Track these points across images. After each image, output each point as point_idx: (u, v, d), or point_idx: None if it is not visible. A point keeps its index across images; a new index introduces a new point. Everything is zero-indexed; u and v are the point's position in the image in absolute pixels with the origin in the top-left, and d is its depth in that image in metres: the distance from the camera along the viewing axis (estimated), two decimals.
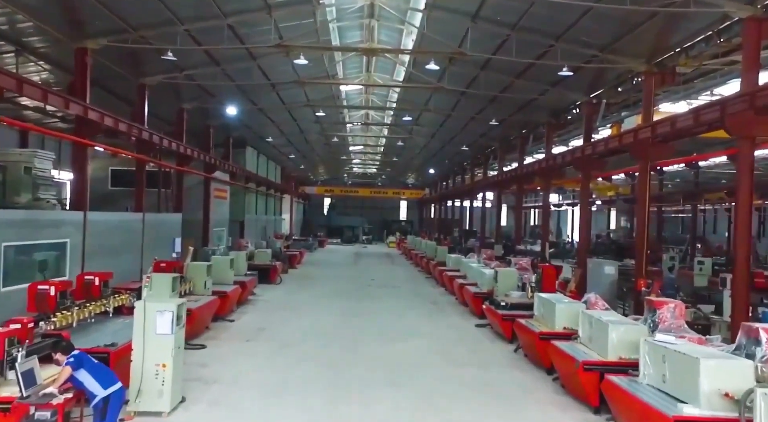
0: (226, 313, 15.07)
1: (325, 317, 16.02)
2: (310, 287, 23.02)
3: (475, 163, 39.95)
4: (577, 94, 19.52)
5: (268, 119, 28.27)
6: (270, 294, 20.21)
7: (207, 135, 27.30)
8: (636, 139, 14.90)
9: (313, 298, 19.82)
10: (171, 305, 7.76)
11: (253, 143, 35.56)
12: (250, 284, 18.10)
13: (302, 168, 51.27)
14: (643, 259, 15.16)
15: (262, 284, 22.28)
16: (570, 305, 10.76)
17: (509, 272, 15.80)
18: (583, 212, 19.53)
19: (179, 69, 18.75)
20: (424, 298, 20.74)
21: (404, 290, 22.86)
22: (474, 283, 18.20)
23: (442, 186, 55.57)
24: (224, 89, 22.23)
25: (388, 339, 13.27)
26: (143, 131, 17.86)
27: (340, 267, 32.91)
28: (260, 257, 23.48)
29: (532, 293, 13.84)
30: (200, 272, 13.96)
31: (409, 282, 25.91)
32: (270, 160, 43.93)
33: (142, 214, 18.40)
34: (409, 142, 36.64)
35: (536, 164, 23.78)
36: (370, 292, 22.00)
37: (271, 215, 45.85)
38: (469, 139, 32.00)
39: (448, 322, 15.96)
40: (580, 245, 19.55)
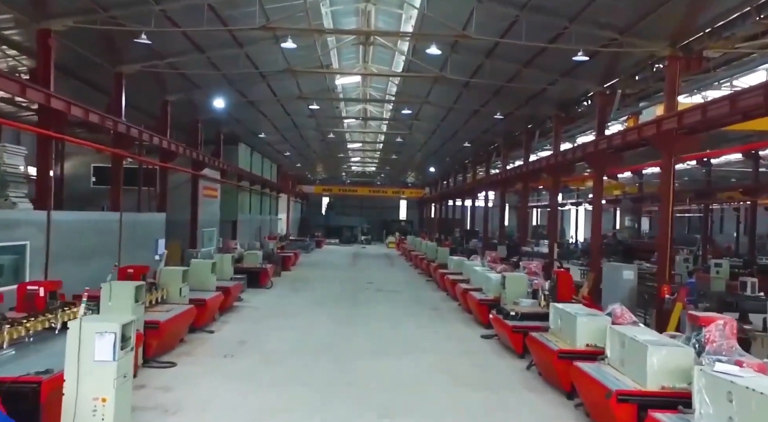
0: (206, 323, 13.63)
1: (316, 326, 14.58)
2: (303, 291, 21.59)
3: (476, 161, 38.52)
4: (590, 83, 18.07)
5: (260, 114, 26.83)
6: (259, 300, 18.77)
7: (195, 130, 25.86)
8: (659, 130, 13.46)
9: (304, 304, 18.39)
10: (113, 325, 6.31)
11: (246, 139, 34.11)
12: (236, 290, 16.65)
13: (299, 166, 49.82)
14: (666, 263, 13.71)
15: (252, 288, 20.89)
16: (593, 318, 9.30)
17: (518, 278, 14.35)
18: (596, 212, 18.08)
19: (159, 56, 17.32)
20: (424, 304, 19.31)
21: (403, 295, 21.43)
22: (478, 288, 16.78)
23: (443, 185, 54.15)
24: (210, 79, 20.79)
25: (385, 354, 11.83)
26: (119, 123, 16.41)
27: (336, 269, 31.47)
28: (249, 259, 22.04)
29: (546, 303, 12.42)
30: (174, 278, 12.53)
31: (409, 286, 24.48)
32: (265, 158, 42.46)
33: (119, 213, 17.00)
34: (409, 138, 35.15)
35: (544, 161, 22.34)
36: (367, 297, 20.57)
37: (266, 215, 44.40)
38: (472, 135, 30.56)
39: (451, 332, 14.51)
40: (593, 247, 18.12)
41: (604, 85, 17.85)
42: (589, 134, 24.67)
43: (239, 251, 22.59)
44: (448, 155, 39.17)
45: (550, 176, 22.25)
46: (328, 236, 61.50)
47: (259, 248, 29.04)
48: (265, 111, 26.86)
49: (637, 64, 16.09)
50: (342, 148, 43.62)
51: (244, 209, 35.87)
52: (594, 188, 18.26)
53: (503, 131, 28.65)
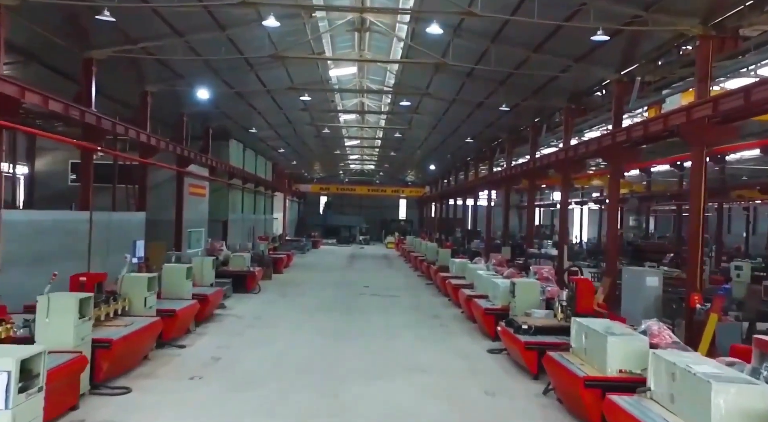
0: (177, 336, 12.06)
1: (302, 339, 13.01)
2: (293, 296, 20.02)
3: (479, 158, 36.91)
4: (606, 70, 16.48)
5: (250, 107, 25.23)
6: (243, 307, 17.20)
7: (180, 124, 24.29)
8: (689, 119, 11.89)
9: (292, 312, 16.82)
10: (6, 361, 4.74)
11: (238, 135, 32.54)
12: (216, 297, 15.06)
13: (295, 164, 48.22)
14: (697, 267, 12.12)
15: (238, 293, 19.34)
16: (628, 339, 7.72)
17: (530, 285, 12.76)
18: (612, 211, 16.51)
19: (132, 40, 15.72)
20: (424, 311, 17.74)
21: (401, 301, 19.85)
22: (484, 295, 15.20)
23: (443, 184, 52.58)
24: (193, 68, 19.21)
25: (378, 375, 10.25)
26: (86, 113, 14.83)
27: (331, 271, 29.90)
28: (236, 262, 20.46)
29: (564, 315, 10.85)
30: (138, 287, 10.96)
31: (408, 290, 22.89)
32: (259, 155, 40.89)
33: (89, 213, 15.44)
34: (409, 134, 33.59)
35: (553, 156, 20.76)
36: (362, 303, 19.00)
37: (260, 215, 42.83)
38: (474, 130, 28.96)
39: (454, 346, 12.94)
40: (609, 249, 16.53)
41: (621, 72, 16.26)
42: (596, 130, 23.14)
43: (225, 254, 21.02)
44: (449, 151, 37.56)
45: (560, 172, 20.69)
46: (326, 236, 59.96)
47: (251, 249, 27.52)
48: (256, 104, 25.27)
49: (661, 46, 14.49)
50: (339, 144, 42.01)
51: (235, 209, 34.31)
52: (610, 185, 16.67)
53: (508, 126, 27.06)
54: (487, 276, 15.81)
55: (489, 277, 15.62)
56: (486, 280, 15.54)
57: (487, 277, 15.72)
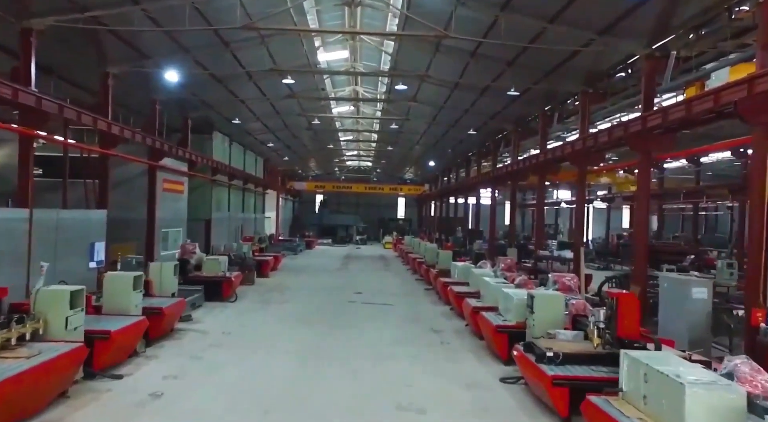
0: (115, 363, 9.71)
1: (274, 363, 10.66)
2: (275, 305, 17.68)
3: (481, 153, 34.54)
4: (635, 44, 14.11)
5: (231, 94, 22.87)
6: (213, 319, 14.86)
7: (153, 113, 21.92)
8: (752, 92, 9.55)
9: (269, 324, 14.48)
10: None
11: (222, 127, 30.19)
12: (174, 310, 12.69)
13: (287, 160, 45.80)
14: (761, 276, 9.76)
15: (212, 301, 17.02)
16: (717, 391, 5.37)
17: (552, 299, 10.40)
18: (642, 208, 14.13)
19: (78, 7, 13.37)
20: (422, 323, 15.38)
21: (397, 310, 17.50)
22: (493, 307, 12.89)
23: (443, 182, 50.27)
24: (158, 45, 16.87)
25: (363, 415, 7.92)
26: (20, 91, 12.47)
27: (322, 275, 27.54)
28: (210, 266, 18.09)
29: (601, 341, 8.50)
30: (57, 304, 8.60)
31: (404, 297, 20.53)
32: (248, 150, 38.56)
33: (28, 210, 13.10)
34: (407, 126, 31.25)
35: (568, 147, 18.39)
36: (352, 313, 16.65)
37: (250, 213, 40.50)
38: (478, 120, 26.60)
39: (458, 371, 10.58)
40: (637, 251, 14.16)
41: (653, 45, 13.90)
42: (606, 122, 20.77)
43: (198, 257, 18.66)
44: (449, 146, 35.16)
45: (576, 164, 18.37)
46: (322, 235, 57.66)
47: (234, 250, 25.18)
48: (236, 90, 22.91)
49: (707, 11, 12.14)
50: (332, 138, 39.58)
51: (220, 207, 31.98)
52: (640, 177, 14.28)
53: (515, 116, 24.69)
54: (496, 285, 13.46)
55: (499, 286, 13.28)
56: (495, 289, 13.20)
57: (496, 286, 13.37)
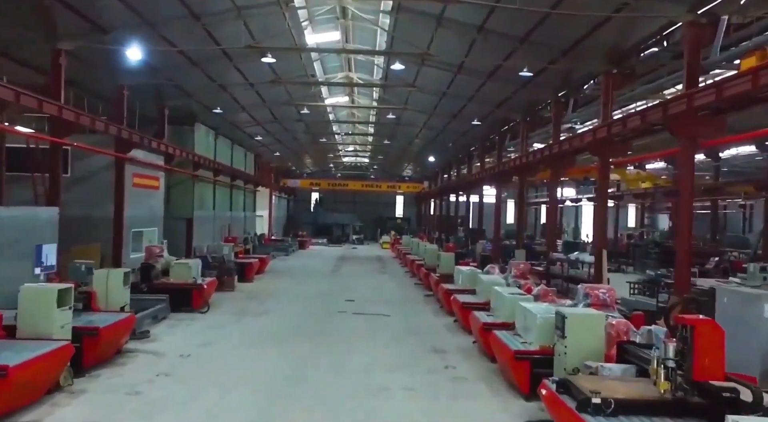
0: (17, 408, 7.41)
1: (230, 405, 8.33)
2: (252, 316, 15.39)
3: (485, 148, 32.19)
4: (677, 7, 11.82)
5: (207, 78, 20.52)
6: (174, 336, 12.57)
7: (120, 99, 19.60)
8: None
9: (240, 344, 12.17)
10: None
11: (205, 119, 27.85)
12: (117, 330, 10.32)
13: (278, 156, 43.44)
14: None
15: (179, 313, 14.76)
16: None
17: (590, 321, 8.10)
18: (685, 204, 11.80)
19: None
20: (422, 340, 13.08)
21: (393, 322, 15.21)
22: (507, 324, 10.64)
23: (443, 179, 47.97)
24: (114, 16, 14.56)
25: None
26: None
27: (312, 279, 25.23)
28: (178, 271, 15.76)
29: (671, 384, 6.19)
30: None
31: (402, 305, 18.24)
32: (236, 145, 36.22)
33: None
34: (405, 117, 28.96)
35: (588, 135, 16.06)
36: (340, 328, 14.35)
37: (238, 212, 38.15)
38: (484, 109, 24.27)
39: (469, 412, 8.30)
40: (679, 256, 11.85)
41: (698, 9, 11.61)
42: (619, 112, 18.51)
43: (166, 260, 16.34)
44: (451, 139, 32.79)
45: (598, 155, 16.08)
46: (317, 235, 55.43)
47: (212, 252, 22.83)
48: (215, 75, 20.60)
49: None
50: (325, 130, 37.16)
51: (204, 205, 29.64)
52: (682, 168, 11.99)
53: (524, 104, 22.36)
54: (511, 297, 11.18)
55: (515, 298, 11.00)
56: (511, 303, 10.92)
57: (512, 298, 11.09)
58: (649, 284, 18.33)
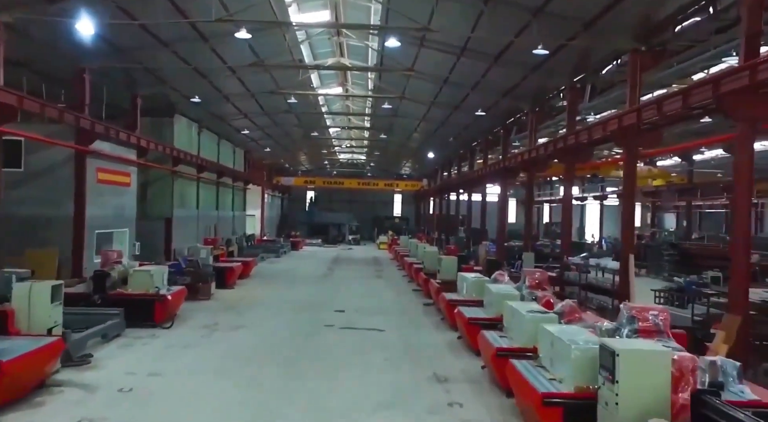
0: None
1: None
2: (222, 334, 13.20)
3: (489, 143, 30.04)
4: None
5: (180, 60, 18.34)
6: (121, 360, 10.40)
7: (80, 84, 17.44)
8: None
9: (200, 372, 9.97)
10: None
11: (187, 110, 25.70)
12: (27, 362, 8.10)
13: (269, 152, 41.22)
14: None
15: (139, 329, 12.62)
16: None
17: (654, 358, 5.93)
18: (743, 200, 9.69)
19: None
20: (421, 363, 10.92)
21: (387, 339, 13.05)
22: (526, 349, 8.54)
23: (443, 177, 45.82)
24: None
25: None
26: None
27: (301, 284, 23.06)
28: (138, 280, 13.56)
29: None
30: None
31: (399, 317, 16.08)
32: (224, 140, 34.08)
33: None
34: (402, 109, 26.80)
35: (613, 123, 13.86)
36: (325, 348, 12.17)
37: (226, 211, 36.01)
38: (488, 99, 22.11)
39: None
40: (735, 265, 9.71)
41: None
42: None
43: (126, 267, 14.15)
44: (453, 133, 30.59)
45: (623, 146, 13.96)
46: (313, 235, 53.30)
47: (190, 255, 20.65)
48: (189, 57, 18.41)
49: None
50: (317, 123, 34.91)
51: (186, 203, 27.51)
52: (739, 153, 9.80)
53: (534, 91, 20.22)
54: (531, 318, 9.01)
55: (536, 320, 8.84)
56: (531, 324, 8.77)
57: (532, 319, 8.93)
58: (677, 293, 16.19)
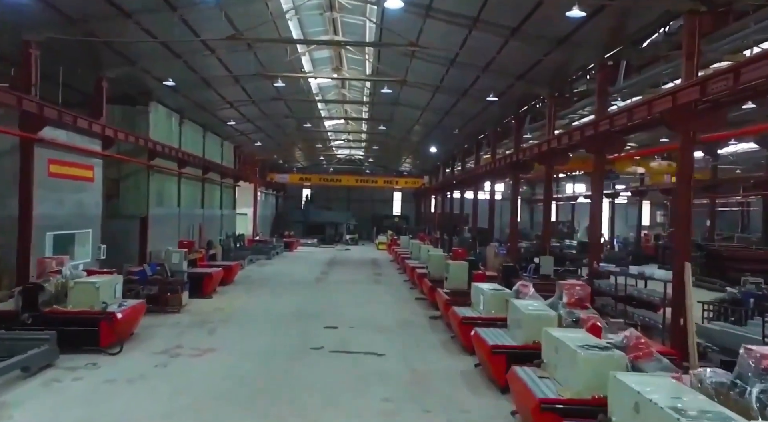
0: None
1: None
2: (186, 359, 10.66)
3: (498, 134, 27.47)
4: None
5: (142, 30, 15.74)
6: (36, 407, 7.88)
7: (25, 60, 14.83)
8: None
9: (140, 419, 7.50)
10: None
11: (165, 97, 23.10)
12: None
13: (260, 146, 38.58)
14: None
15: (78, 354, 10.12)
16: None
17: None
18: None
19: None
20: (433, 406, 8.38)
21: (387, 369, 10.49)
22: (586, 402, 6.03)
23: (445, 173, 43.29)
24: None
25: None
26: None
27: (291, 291, 20.49)
28: (79, 295, 10.99)
29: None
30: None
31: (401, 335, 13.51)
32: (210, 132, 31.45)
33: None
34: (404, 96, 24.25)
35: (666, 101, 11.29)
36: (308, 384, 9.58)
37: (214, 210, 33.40)
38: (502, 82, 19.54)
39: None
40: None
41: None
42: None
43: (69, 277, 11.58)
44: (459, 123, 27.96)
45: (677, 130, 11.41)
46: (309, 234, 50.80)
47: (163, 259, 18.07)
48: (153, 27, 15.82)
49: None
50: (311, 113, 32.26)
51: (165, 201, 24.87)
52: None
53: (554, 74, 17.69)
54: (592, 358, 6.48)
55: (601, 362, 6.31)
56: (590, 368, 6.25)
57: (590, 360, 6.40)
58: (732, 306, 13.63)
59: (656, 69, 14.29)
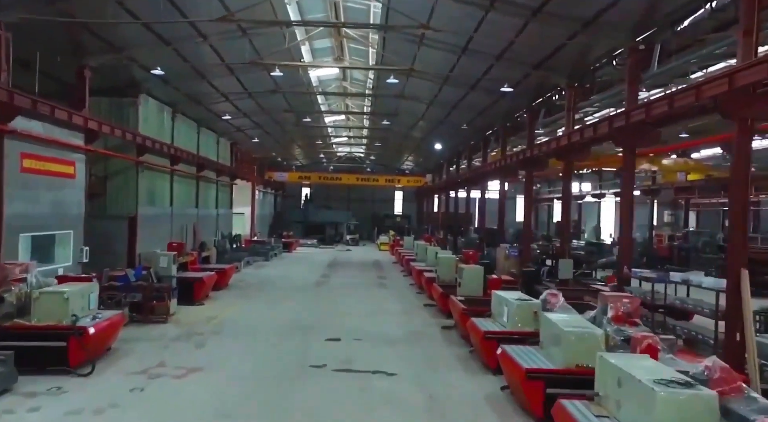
0: None
1: None
2: (168, 380, 9.21)
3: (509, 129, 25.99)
4: None
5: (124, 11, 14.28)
6: None
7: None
8: None
9: None
10: None
11: (156, 89, 21.64)
12: None
13: (257, 142, 37.06)
14: None
15: (40, 379, 8.67)
16: None
17: None
18: None
19: None
20: None
21: (398, 392, 9.04)
22: None
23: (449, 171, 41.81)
24: None
25: None
26: None
27: (288, 297, 19.01)
28: (45, 307, 9.53)
29: None
30: None
31: (411, 349, 12.05)
32: (205, 128, 30.00)
33: None
34: (410, 88, 22.80)
35: (717, 84, 9.86)
36: (306, 413, 8.15)
37: (209, 209, 31.92)
38: (518, 72, 18.07)
39: None
40: None
41: None
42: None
43: (35, 285, 10.12)
44: (467, 118, 26.48)
45: (734, 119, 9.96)
46: (308, 234, 49.34)
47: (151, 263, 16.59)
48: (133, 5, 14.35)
49: None
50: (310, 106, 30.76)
51: (155, 200, 23.40)
52: None
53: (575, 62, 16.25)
54: (667, 397, 5.03)
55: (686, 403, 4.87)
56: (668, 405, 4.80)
57: (667, 398, 4.96)
58: None
59: (700, 50, 12.83)
